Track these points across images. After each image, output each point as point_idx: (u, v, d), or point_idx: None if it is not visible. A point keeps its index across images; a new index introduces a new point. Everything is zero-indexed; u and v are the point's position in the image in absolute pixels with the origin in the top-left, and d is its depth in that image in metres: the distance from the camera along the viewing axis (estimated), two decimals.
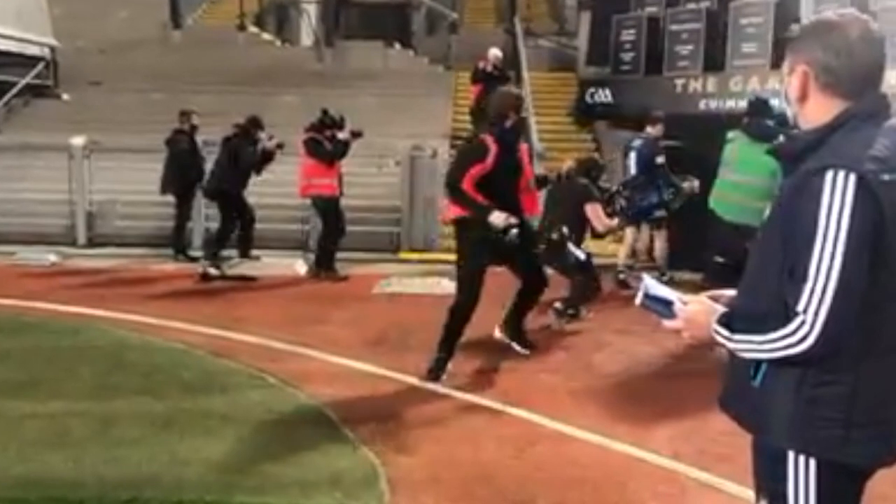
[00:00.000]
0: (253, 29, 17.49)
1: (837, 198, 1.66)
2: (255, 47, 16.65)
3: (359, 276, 8.76)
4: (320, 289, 8.23)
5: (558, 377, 5.40)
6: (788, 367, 1.75)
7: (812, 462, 1.76)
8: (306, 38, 17.89)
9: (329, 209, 8.56)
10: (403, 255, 9.98)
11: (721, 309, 1.87)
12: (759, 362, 1.81)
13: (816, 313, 1.66)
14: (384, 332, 6.53)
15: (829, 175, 1.67)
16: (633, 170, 8.29)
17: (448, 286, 8.28)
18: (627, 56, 12.96)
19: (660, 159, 8.15)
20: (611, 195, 7.39)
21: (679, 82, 12.29)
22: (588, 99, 13.19)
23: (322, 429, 4.40)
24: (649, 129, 8.46)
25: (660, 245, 8.66)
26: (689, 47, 12.18)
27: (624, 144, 8.75)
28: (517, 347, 5.88)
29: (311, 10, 17.96)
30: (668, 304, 1.95)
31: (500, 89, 6.21)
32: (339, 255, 8.86)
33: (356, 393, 5.04)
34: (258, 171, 8.87)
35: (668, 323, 1.94)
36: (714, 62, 11.89)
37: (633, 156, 8.32)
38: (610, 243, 9.06)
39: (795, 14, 11.95)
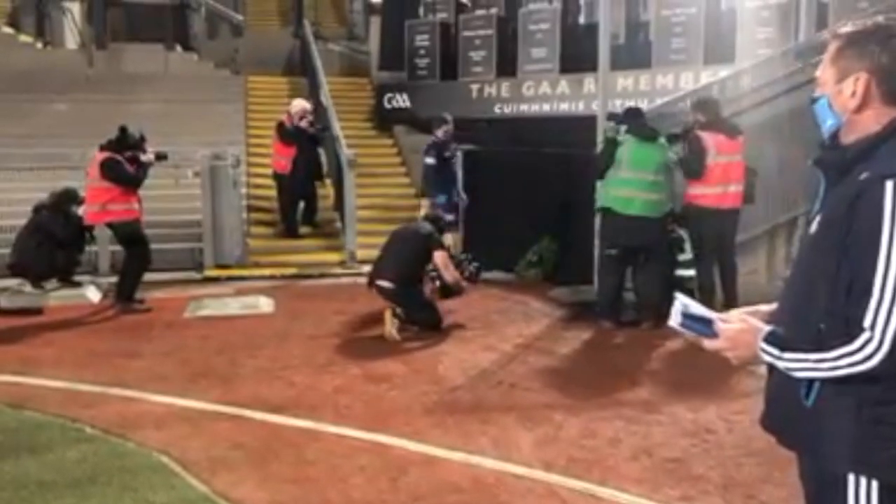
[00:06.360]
0: (7, 29, 15.66)
1: None
2: (12, 50, 14.88)
3: (164, 299, 7.99)
4: (124, 318, 7.36)
5: (408, 394, 5.19)
6: (846, 386, 1.70)
7: (875, 484, 1.72)
8: (72, 41, 16.27)
9: (135, 235, 7.68)
10: (209, 273, 9.28)
11: (765, 327, 1.82)
12: (811, 382, 1.76)
13: (885, 329, 1.63)
14: (208, 361, 5.97)
15: (890, 185, 1.65)
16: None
17: (267, 305, 7.82)
18: (422, 62, 13.04)
19: (429, 160, 8.85)
20: (458, 262, 7.36)
21: (474, 87, 12.54)
22: (386, 104, 13.14)
23: (164, 483, 3.87)
24: (436, 133, 8.99)
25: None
26: (482, 53, 12.47)
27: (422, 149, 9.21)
28: None
29: (74, 10, 16.33)
30: (707, 322, 1.88)
31: None
32: None
33: (192, 435, 4.51)
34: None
35: (709, 343, 1.88)
36: (507, 67, 12.26)
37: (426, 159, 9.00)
38: None
39: (577, 19, 12.70)
